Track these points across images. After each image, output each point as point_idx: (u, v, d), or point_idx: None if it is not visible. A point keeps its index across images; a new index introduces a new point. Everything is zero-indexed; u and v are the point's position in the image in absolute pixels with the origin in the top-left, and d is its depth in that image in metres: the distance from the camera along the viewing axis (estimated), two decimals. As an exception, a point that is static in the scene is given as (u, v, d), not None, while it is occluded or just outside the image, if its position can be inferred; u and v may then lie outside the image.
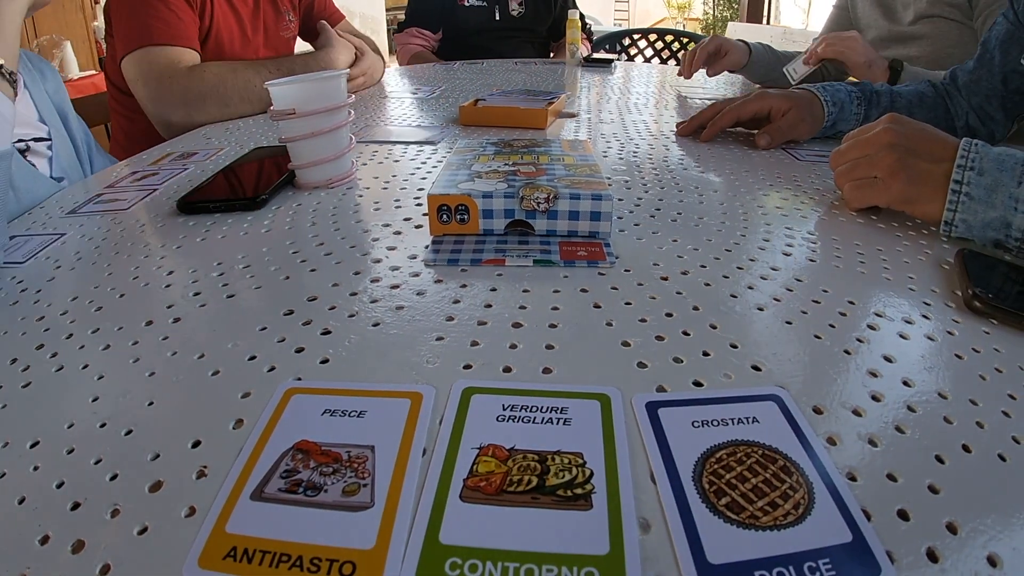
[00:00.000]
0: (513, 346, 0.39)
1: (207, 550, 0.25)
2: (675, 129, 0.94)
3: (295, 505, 0.27)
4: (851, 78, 1.30)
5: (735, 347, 0.38)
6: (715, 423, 0.32)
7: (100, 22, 3.30)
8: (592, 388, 0.34)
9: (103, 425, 0.33)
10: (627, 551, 0.25)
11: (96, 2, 3.40)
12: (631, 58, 2.68)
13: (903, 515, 0.27)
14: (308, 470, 0.29)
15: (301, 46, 1.57)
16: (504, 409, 0.33)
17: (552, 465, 0.29)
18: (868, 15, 1.35)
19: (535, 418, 0.32)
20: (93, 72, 3.08)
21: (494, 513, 0.27)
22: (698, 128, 0.90)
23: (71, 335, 0.42)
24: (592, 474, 0.29)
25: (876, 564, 0.25)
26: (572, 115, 1.06)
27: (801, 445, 0.30)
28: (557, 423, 0.32)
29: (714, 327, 0.41)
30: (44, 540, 0.27)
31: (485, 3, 2.06)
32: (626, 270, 0.48)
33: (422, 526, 0.26)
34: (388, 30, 7.10)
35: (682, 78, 1.39)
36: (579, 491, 0.28)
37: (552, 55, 2.23)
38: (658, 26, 4.56)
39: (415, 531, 0.26)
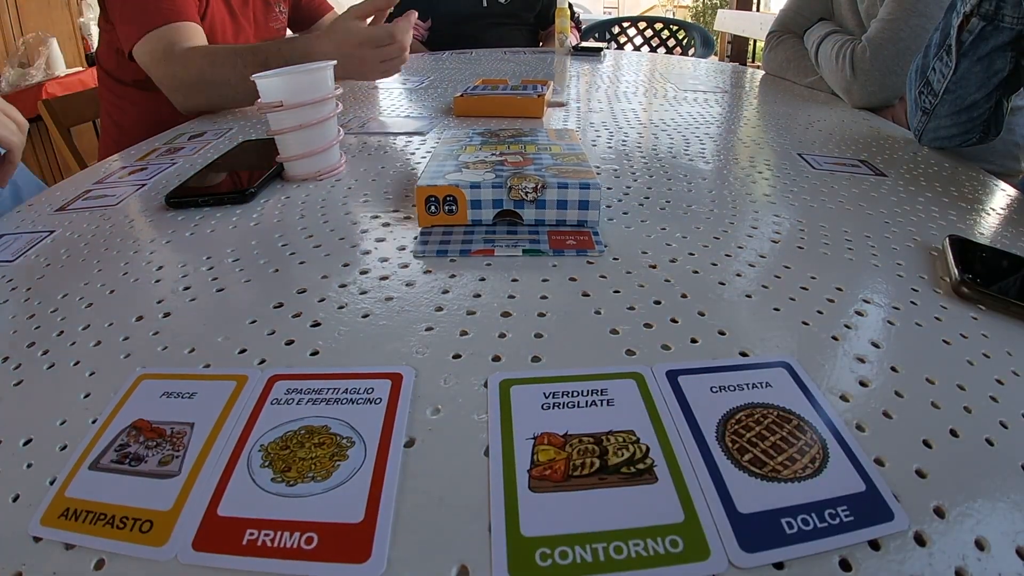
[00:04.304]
0: (502, 335, 0.39)
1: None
2: None
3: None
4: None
5: (723, 334, 0.39)
6: (731, 388, 0.33)
7: (86, 18, 3.26)
8: (625, 368, 0.35)
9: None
10: (700, 515, 0.26)
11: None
12: (620, 46, 2.67)
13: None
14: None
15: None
16: (546, 397, 0.33)
17: (609, 445, 0.30)
18: (842, 4, 1.33)
19: (578, 402, 0.33)
20: (80, 69, 3.04)
21: (566, 499, 0.27)
22: None
23: (62, 332, 0.42)
24: (648, 449, 0.30)
25: (888, 510, 0.26)
26: (561, 104, 1.05)
27: (812, 407, 0.32)
28: (601, 404, 0.32)
29: (702, 314, 0.41)
30: (38, 538, 0.27)
31: None
32: (615, 258, 0.48)
33: (500, 522, 0.26)
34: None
35: (674, 69, 1.37)
36: (641, 466, 0.29)
37: (541, 44, 2.22)
38: (648, 14, 4.55)
39: (495, 529, 0.26)
